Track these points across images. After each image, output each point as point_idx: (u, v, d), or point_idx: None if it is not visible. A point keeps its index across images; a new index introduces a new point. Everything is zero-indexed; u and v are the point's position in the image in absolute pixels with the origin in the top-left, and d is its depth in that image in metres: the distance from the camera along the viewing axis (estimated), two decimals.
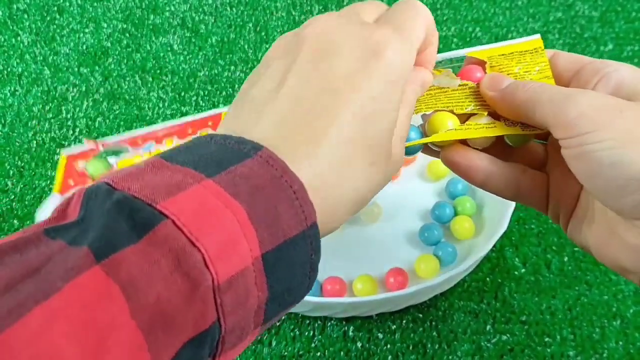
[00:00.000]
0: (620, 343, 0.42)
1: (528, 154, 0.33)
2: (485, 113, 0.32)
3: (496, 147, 0.32)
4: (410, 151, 0.33)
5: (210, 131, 0.37)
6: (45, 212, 0.37)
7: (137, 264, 0.18)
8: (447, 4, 0.67)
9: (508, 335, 0.42)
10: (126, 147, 0.39)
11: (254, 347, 0.42)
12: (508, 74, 0.32)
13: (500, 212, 0.44)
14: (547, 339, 0.42)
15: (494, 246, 0.44)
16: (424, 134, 0.33)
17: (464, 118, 0.32)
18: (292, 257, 0.22)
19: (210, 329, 0.20)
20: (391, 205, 0.49)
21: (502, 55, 0.33)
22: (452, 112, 0.32)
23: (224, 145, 0.22)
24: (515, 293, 0.44)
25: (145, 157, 0.38)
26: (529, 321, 0.43)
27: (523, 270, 0.46)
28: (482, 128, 0.31)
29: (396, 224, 0.48)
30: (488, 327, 0.43)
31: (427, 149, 0.34)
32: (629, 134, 0.25)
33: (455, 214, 0.48)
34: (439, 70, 0.34)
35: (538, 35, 0.33)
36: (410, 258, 0.45)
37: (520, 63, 0.33)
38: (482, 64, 0.34)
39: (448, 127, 0.32)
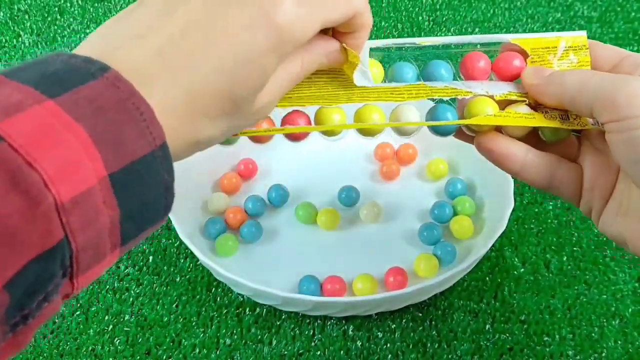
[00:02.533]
0: (619, 342, 0.42)
1: (562, 145, 0.33)
2: (525, 102, 0.32)
3: (531, 137, 0.32)
4: (444, 131, 0.34)
5: None
6: None
7: None
8: (446, 4, 0.67)
9: (507, 334, 0.43)
10: None
11: (254, 345, 0.42)
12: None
13: (500, 212, 0.44)
14: (546, 339, 0.42)
15: (493, 246, 0.44)
16: (460, 117, 0.33)
17: (503, 105, 0.33)
18: (142, 177, 0.22)
19: (57, 246, 0.20)
20: (391, 205, 0.49)
21: (546, 48, 0.33)
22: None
23: (70, 64, 0.22)
24: (515, 292, 0.45)
25: None
26: (528, 321, 0.43)
27: (522, 269, 0.46)
28: (522, 117, 0.32)
29: (396, 224, 0.48)
30: (487, 326, 0.43)
31: (460, 133, 0.34)
32: None
33: (455, 213, 0.48)
34: (372, 60, 0.34)
35: (584, 33, 0.34)
36: (410, 257, 0.45)
37: (562, 60, 0.33)
38: (522, 53, 0.34)
39: (487, 113, 0.32)
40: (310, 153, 0.53)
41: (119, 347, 0.42)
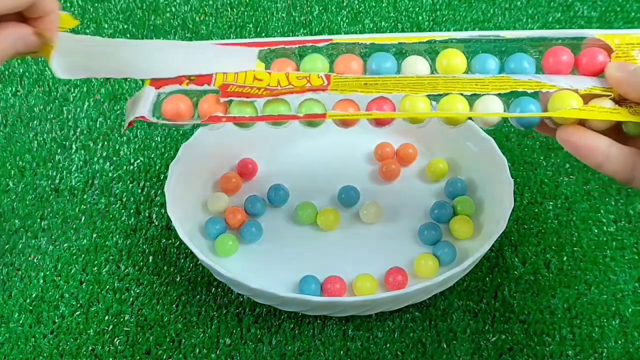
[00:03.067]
0: (620, 342, 0.42)
1: None
2: (610, 97, 0.33)
3: (613, 131, 0.33)
4: (527, 124, 0.34)
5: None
6: (137, 104, 0.37)
7: None
8: (446, 4, 0.67)
9: (507, 334, 0.43)
10: None
11: (254, 345, 0.42)
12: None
13: (499, 212, 0.44)
14: (546, 339, 0.42)
15: (493, 246, 0.44)
16: (543, 110, 0.34)
17: (587, 99, 0.33)
18: None
19: None
20: (391, 205, 0.49)
21: (630, 44, 0.34)
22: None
23: None
24: (515, 292, 0.45)
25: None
26: (528, 320, 0.43)
27: (522, 269, 0.46)
28: (606, 112, 0.32)
29: (396, 224, 0.48)
30: (487, 326, 0.43)
31: (542, 126, 0.35)
32: None
33: (455, 213, 0.48)
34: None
35: None
36: (410, 257, 0.45)
37: None
38: (606, 48, 0.34)
39: (572, 106, 0.32)
40: (310, 153, 0.53)
41: (119, 347, 0.42)
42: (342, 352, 0.42)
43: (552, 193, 0.50)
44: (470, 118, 0.35)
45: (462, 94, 0.34)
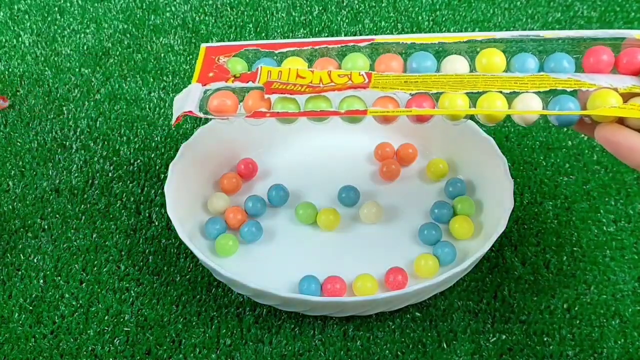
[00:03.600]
0: (619, 342, 0.42)
1: None
2: None
3: None
4: (566, 121, 0.35)
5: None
6: (185, 100, 0.38)
7: None
8: (446, 4, 0.67)
9: (507, 334, 0.43)
10: (267, 53, 0.39)
11: (254, 345, 0.42)
12: None
13: (499, 212, 0.44)
14: (546, 339, 0.42)
15: (493, 246, 0.44)
16: (582, 108, 0.34)
17: (626, 98, 0.33)
18: None
19: None
20: (391, 205, 0.49)
21: None
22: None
23: None
24: (515, 293, 0.45)
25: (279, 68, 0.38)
26: (528, 321, 0.43)
27: (522, 269, 0.46)
28: None
29: (396, 224, 0.48)
30: (487, 326, 0.43)
31: (580, 124, 0.35)
32: None
33: (455, 213, 0.48)
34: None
35: None
36: (410, 257, 0.45)
37: None
38: None
39: (611, 104, 0.33)
40: (311, 153, 0.53)
41: (119, 347, 0.42)
42: (342, 352, 0.42)
43: (552, 193, 0.50)
44: (508, 116, 0.36)
45: (501, 92, 0.35)
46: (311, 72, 0.38)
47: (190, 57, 0.62)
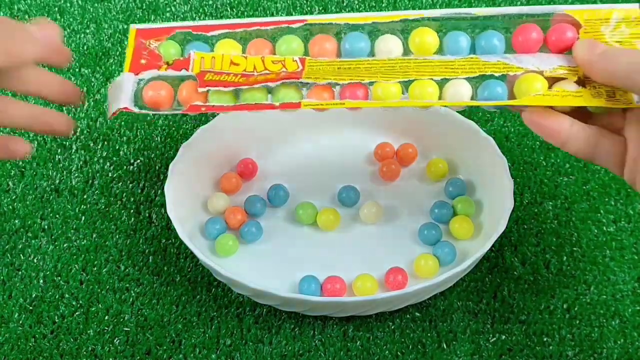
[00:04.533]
0: (619, 343, 0.42)
1: (607, 117, 0.35)
2: (575, 78, 0.34)
3: (577, 110, 0.34)
4: (495, 107, 0.36)
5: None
6: (118, 92, 0.37)
7: None
8: (446, 4, 0.67)
9: (507, 334, 0.43)
10: (199, 35, 0.39)
11: (254, 345, 0.42)
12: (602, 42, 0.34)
13: (499, 212, 0.44)
14: (546, 339, 0.42)
15: (493, 246, 0.44)
16: (510, 90, 0.35)
17: (552, 81, 0.34)
18: None
19: None
20: (391, 205, 0.49)
21: (598, 19, 0.35)
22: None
23: None
24: (514, 293, 0.45)
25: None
26: (527, 321, 0.43)
27: (522, 270, 0.46)
28: (569, 96, 0.34)
29: (396, 224, 0.48)
30: (487, 326, 0.43)
31: (510, 106, 0.36)
32: None
33: (455, 213, 0.48)
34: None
35: (637, 5, 0.35)
36: (410, 258, 0.45)
37: (614, 31, 0.34)
38: (575, 24, 0.35)
39: (536, 91, 0.34)
40: (311, 153, 0.53)
41: (119, 347, 0.42)
42: (342, 352, 0.42)
43: (552, 193, 0.50)
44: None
45: (432, 79, 0.36)
46: (244, 57, 0.37)
47: None
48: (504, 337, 0.42)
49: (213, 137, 0.50)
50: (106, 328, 0.43)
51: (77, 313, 0.44)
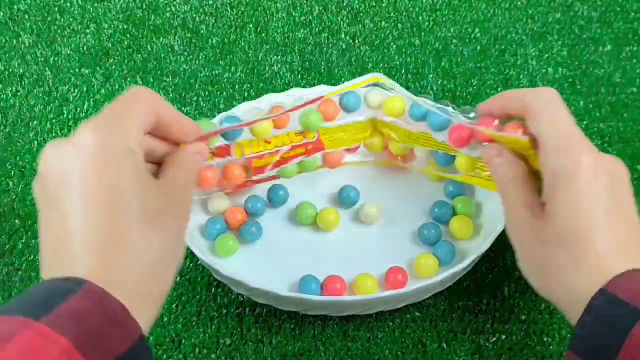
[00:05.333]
0: None
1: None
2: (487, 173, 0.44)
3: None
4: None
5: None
6: None
7: None
8: (446, 4, 0.67)
9: (507, 334, 0.43)
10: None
11: (254, 345, 0.42)
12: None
13: (499, 212, 0.44)
14: (545, 339, 0.42)
15: (493, 246, 0.44)
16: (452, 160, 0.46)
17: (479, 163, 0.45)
18: None
19: None
20: (391, 205, 0.49)
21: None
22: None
23: (52, 284, 0.27)
24: (515, 292, 0.45)
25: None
26: (527, 320, 0.43)
27: None
28: (483, 180, 0.45)
29: (396, 224, 0.48)
30: (487, 326, 0.43)
31: None
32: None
33: (454, 213, 0.48)
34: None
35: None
36: (410, 257, 0.45)
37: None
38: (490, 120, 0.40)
39: (468, 169, 0.45)
40: None
41: None
42: (342, 352, 0.42)
43: None
44: None
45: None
46: (274, 137, 0.46)
47: (191, 57, 0.62)
48: (504, 336, 0.42)
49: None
50: None
51: None
